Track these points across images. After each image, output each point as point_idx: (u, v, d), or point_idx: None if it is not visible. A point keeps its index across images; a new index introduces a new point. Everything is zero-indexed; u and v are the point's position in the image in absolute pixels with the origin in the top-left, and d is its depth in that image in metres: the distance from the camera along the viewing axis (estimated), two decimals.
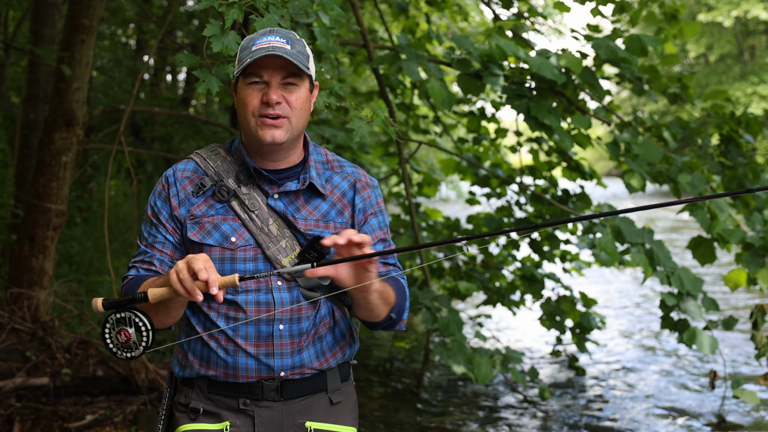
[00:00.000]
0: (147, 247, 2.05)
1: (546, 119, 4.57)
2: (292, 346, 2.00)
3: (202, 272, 1.75)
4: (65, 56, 4.77)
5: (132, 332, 1.78)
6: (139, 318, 1.79)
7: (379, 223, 2.11)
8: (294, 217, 2.03)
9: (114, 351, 1.81)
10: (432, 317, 4.75)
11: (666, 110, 28.48)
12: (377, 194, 2.14)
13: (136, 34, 13.10)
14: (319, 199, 2.06)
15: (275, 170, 2.05)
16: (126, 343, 1.79)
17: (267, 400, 2.01)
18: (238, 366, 1.99)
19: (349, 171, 2.13)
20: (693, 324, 4.90)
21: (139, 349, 1.79)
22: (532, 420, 5.41)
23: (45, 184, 4.95)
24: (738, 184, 5.18)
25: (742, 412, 5.50)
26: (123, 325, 1.79)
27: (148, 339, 1.79)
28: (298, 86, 1.98)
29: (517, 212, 6.65)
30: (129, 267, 2.07)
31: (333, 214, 2.06)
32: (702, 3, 30.37)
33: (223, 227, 2.00)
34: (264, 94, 1.95)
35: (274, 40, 1.95)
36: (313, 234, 2.01)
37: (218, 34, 2.83)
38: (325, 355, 2.06)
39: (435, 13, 8.68)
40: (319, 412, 2.06)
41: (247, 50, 1.96)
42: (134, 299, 1.80)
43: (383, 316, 2.01)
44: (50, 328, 4.93)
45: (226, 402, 2.03)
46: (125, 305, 1.80)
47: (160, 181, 2.08)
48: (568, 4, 5.97)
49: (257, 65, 1.94)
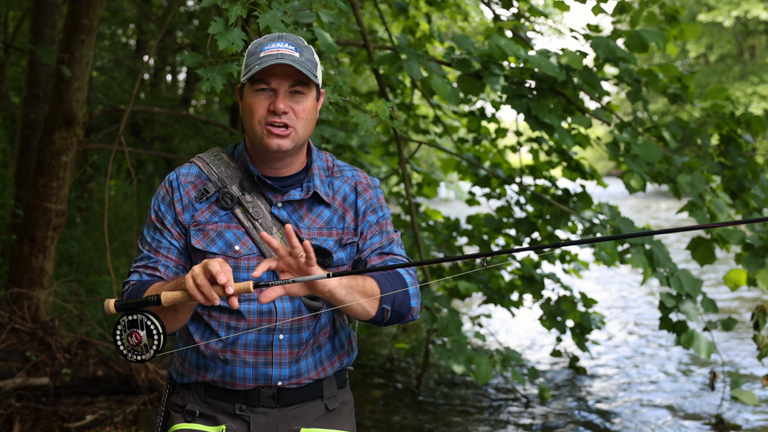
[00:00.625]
0: (151, 252, 2.01)
1: (546, 118, 4.57)
2: (291, 356, 1.99)
3: (221, 275, 1.71)
4: (65, 57, 4.77)
5: (143, 335, 1.77)
6: (151, 321, 1.78)
7: (377, 218, 2.09)
8: (297, 226, 2.01)
9: (125, 353, 1.80)
10: (431, 317, 4.76)
11: (666, 110, 28.49)
12: (378, 193, 2.12)
13: (136, 34, 13.10)
14: (322, 207, 2.05)
15: (279, 178, 2.03)
16: (137, 345, 1.78)
17: (263, 407, 2.01)
18: (235, 375, 1.99)
19: (349, 175, 2.11)
20: (691, 326, 4.90)
21: (150, 352, 1.78)
22: (532, 420, 5.42)
23: (45, 184, 4.95)
24: (737, 184, 5.18)
25: (741, 412, 5.50)
26: (134, 328, 1.78)
27: (159, 342, 1.78)
28: (305, 95, 1.95)
29: (517, 212, 6.65)
30: (131, 272, 2.04)
31: (335, 221, 2.05)
32: (702, 3, 30.36)
33: (226, 235, 1.98)
34: (271, 103, 1.92)
35: (282, 47, 1.92)
36: (315, 244, 1.99)
37: (223, 31, 2.83)
38: (323, 364, 2.06)
39: (435, 12, 8.68)
40: (314, 419, 2.05)
41: (254, 56, 1.93)
42: (147, 302, 1.79)
43: (373, 312, 1.93)
44: (50, 328, 4.93)
45: (223, 406, 2.03)
46: (137, 308, 1.79)
47: (163, 185, 2.05)
48: (568, 3, 5.97)
49: (265, 72, 1.91)
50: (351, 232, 2.05)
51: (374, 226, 2.07)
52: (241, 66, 2.94)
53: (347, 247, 2.05)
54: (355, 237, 2.06)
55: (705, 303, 4.85)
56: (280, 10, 2.92)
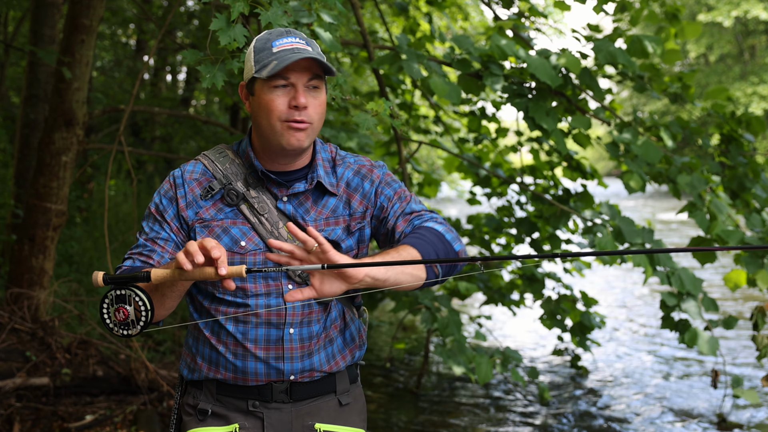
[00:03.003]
0: (147, 241, 1.99)
1: (542, 122, 4.57)
2: (302, 350, 1.98)
3: (215, 250, 1.67)
4: (66, 61, 4.77)
5: (131, 310, 1.74)
6: (139, 297, 1.73)
7: (393, 190, 2.06)
8: (304, 219, 1.99)
9: (111, 327, 1.76)
10: (432, 317, 4.75)
11: (666, 110, 28.50)
12: (384, 172, 2.09)
13: (136, 34, 13.10)
14: (327, 196, 2.03)
15: (284, 172, 2.01)
16: (124, 321, 1.74)
17: (276, 402, 2.00)
18: (247, 370, 1.98)
19: (351, 161, 2.09)
20: (693, 324, 4.90)
21: (137, 328, 1.74)
22: (532, 420, 5.41)
23: (45, 184, 4.95)
24: (738, 184, 5.18)
25: (742, 411, 5.50)
26: (122, 303, 1.74)
27: (147, 318, 1.74)
28: (320, 90, 1.93)
29: (517, 212, 6.65)
30: (125, 258, 2.01)
31: (341, 208, 2.03)
32: (702, 3, 30.37)
33: (232, 231, 1.97)
34: (292, 98, 1.89)
35: (295, 42, 1.90)
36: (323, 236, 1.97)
37: (225, 27, 2.83)
38: (335, 358, 2.05)
39: (435, 12, 8.68)
40: (328, 414, 2.04)
41: (266, 51, 1.90)
42: (136, 277, 1.75)
43: (424, 275, 1.86)
44: (50, 328, 4.93)
45: (235, 403, 2.02)
46: (126, 283, 1.75)
47: (168, 180, 2.03)
48: (569, 2, 5.96)
49: (287, 68, 1.87)
50: (358, 217, 2.03)
51: (393, 197, 2.05)
52: (242, 63, 2.94)
53: (355, 233, 2.03)
54: (363, 221, 2.04)
55: (705, 302, 4.85)
56: (281, 9, 2.92)
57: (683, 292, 4.76)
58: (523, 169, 6.45)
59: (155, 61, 12.93)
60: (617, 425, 5.30)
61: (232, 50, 2.93)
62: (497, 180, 6.47)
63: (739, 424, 5.26)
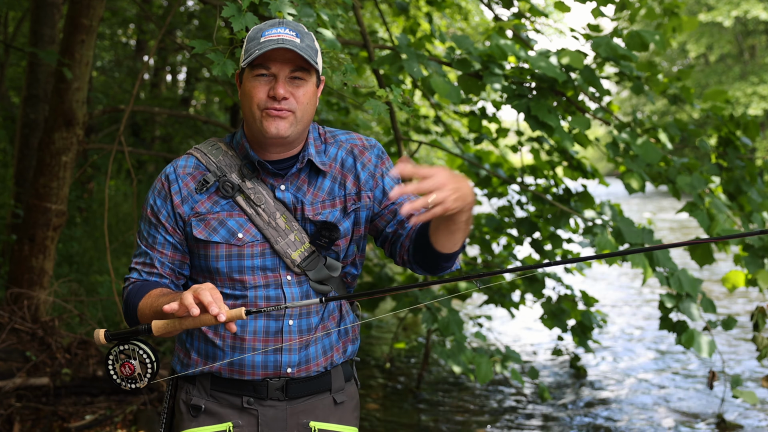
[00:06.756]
0: (147, 247, 2.02)
1: (546, 119, 4.57)
2: (300, 342, 1.98)
3: (212, 306, 1.72)
4: (67, 62, 4.77)
5: (136, 364, 1.79)
6: (143, 350, 1.78)
7: (396, 180, 2.07)
8: (302, 203, 1.99)
9: (118, 382, 1.81)
10: (432, 317, 4.75)
11: (666, 110, 28.50)
12: (377, 154, 2.08)
13: (136, 34, 13.10)
14: (320, 177, 2.02)
15: (278, 161, 2.01)
16: (131, 375, 1.79)
17: (271, 399, 1.99)
18: (244, 362, 1.97)
19: (343, 139, 2.08)
20: (692, 326, 4.90)
21: (144, 380, 1.80)
22: (531, 420, 5.42)
23: (45, 184, 4.95)
24: (735, 187, 5.19)
25: (741, 411, 5.50)
26: (127, 358, 1.79)
27: (153, 370, 1.80)
28: (305, 81, 1.93)
29: (518, 212, 6.65)
30: (131, 267, 2.04)
31: (336, 189, 2.02)
32: (702, 3, 30.37)
33: (229, 223, 1.97)
34: (271, 88, 1.90)
35: (283, 33, 1.90)
36: (320, 219, 1.98)
37: (236, 15, 2.85)
38: (330, 350, 2.05)
39: (435, 12, 8.68)
40: (323, 412, 2.04)
41: (255, 41, 1.91)
42: (137, 332, 1.79)
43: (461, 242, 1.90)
44: (50, 328, 4.93)
45: (229, 400, 2.01)
46: (128, 338, 1.80)
47: (159, 178, 2.03)
48: (569, 3, 5.97)
49: (265, 57, 1.89)
50: (353, 197, 2.03)
51: (397, 186, 2.03)
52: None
53: (351, 214, 2.03)
54: (358, 202, 2.03)
55: (704, 303, 4.86)
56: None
57: (682, 294, 4.77)
58: (523, 169, 6.45)
59: (155, 61, 12.92)
60: (617, 425, 5.30)
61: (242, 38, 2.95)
62: (497, 180, 6.47)
63: (738, 425, 5.26)
